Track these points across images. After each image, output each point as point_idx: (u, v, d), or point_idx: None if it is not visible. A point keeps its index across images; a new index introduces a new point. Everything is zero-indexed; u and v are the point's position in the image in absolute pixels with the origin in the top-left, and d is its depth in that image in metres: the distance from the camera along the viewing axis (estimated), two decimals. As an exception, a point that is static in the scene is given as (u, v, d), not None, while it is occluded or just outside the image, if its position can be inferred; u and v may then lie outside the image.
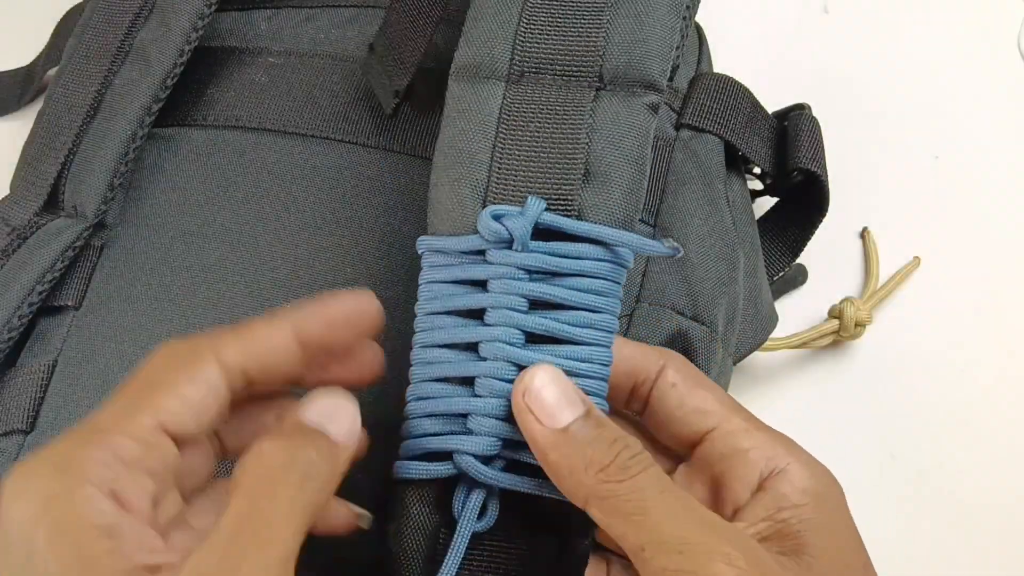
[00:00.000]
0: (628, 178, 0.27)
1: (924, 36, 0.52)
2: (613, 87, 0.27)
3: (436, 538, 0.26)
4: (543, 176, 0.26)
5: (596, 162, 0.26)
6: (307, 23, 0.41)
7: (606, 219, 0.26)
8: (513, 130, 0.27)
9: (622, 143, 0.27)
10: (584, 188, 0.26)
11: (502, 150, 0.27)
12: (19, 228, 0.37)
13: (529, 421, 0.24)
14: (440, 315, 0.27)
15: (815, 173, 0.39)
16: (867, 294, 0.44)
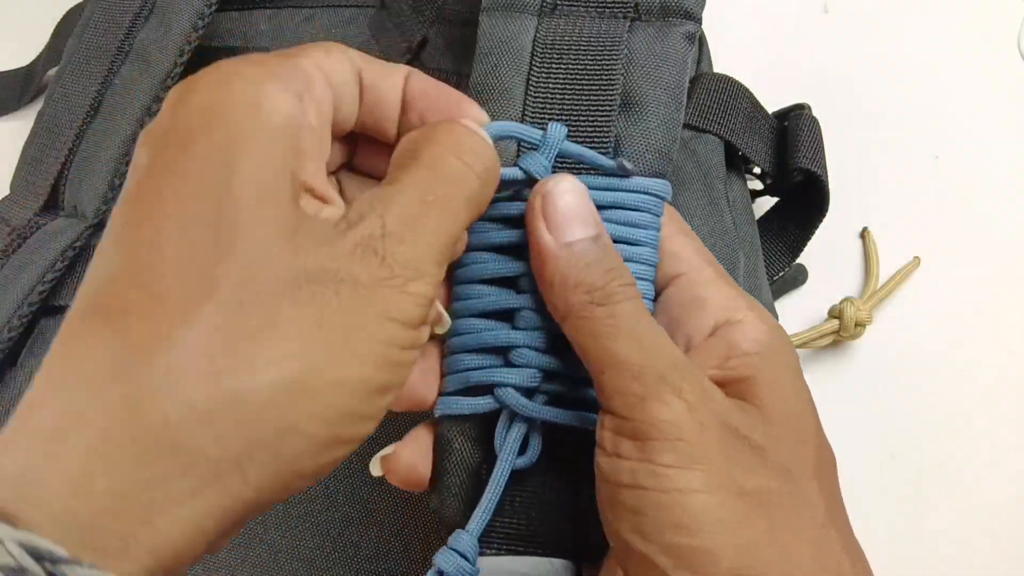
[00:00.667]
0: (666, 107, 0.26)
1: (924, 36, 0.52)
2: (648, 17, 0.27)
3: (479, 474, 0.26)
4: (579, 108, 0.26)
5: (633, 92, 0.26)
6: (307, 23, 0.41)
7: (644, 148, 0.26)
8: (547, 63, 0.27)
9: (659, 73, 0.26)
10: (621, 118, 0.26)
11: (536, 83, 0.26)
12: (19, 228, 0.37)
13: (539, 228, 0.24)
14: (479, 252, 0.26)
15: (815, 173, 0.39)
16: (867, 294, 0.44)
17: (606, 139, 0.26)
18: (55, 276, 0.35)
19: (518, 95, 0.27)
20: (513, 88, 0.27)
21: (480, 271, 0.26)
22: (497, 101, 0.27)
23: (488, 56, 0.27)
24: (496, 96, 0.27)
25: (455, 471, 0.26)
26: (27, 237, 0.36)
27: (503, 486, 0.25)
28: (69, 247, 0.36)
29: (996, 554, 0.40)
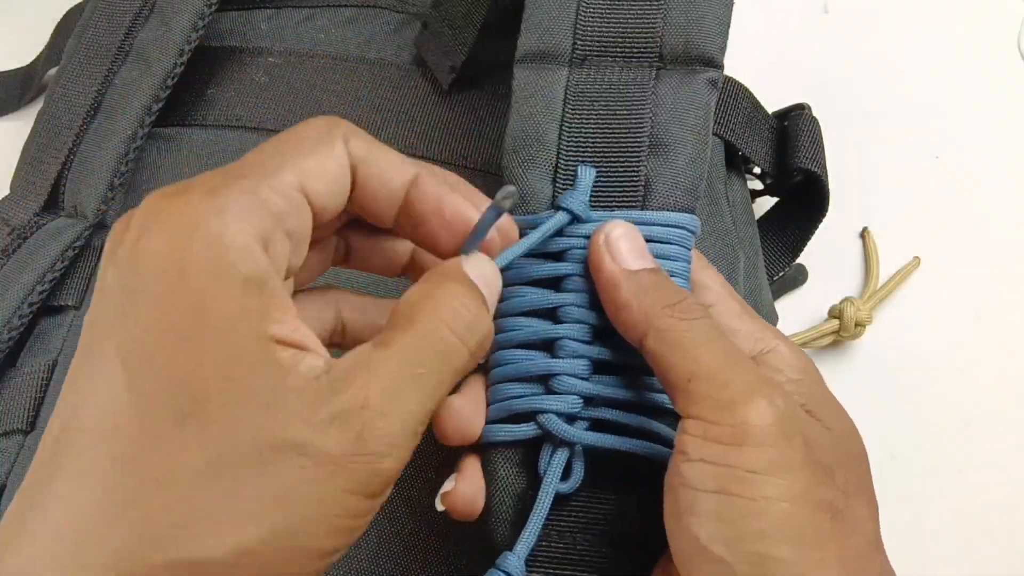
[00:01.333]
0: (692, 148, 0.28)
1: (924, 36, 0.52)
2: (673, 65, 0.28)
3: (524, 499, 0.26)
4: (610, 150, 0.28)
5: (661, 134, 0.28)
6: (307, 23, 0.41)
7: (673, 186, 0.27)
8: (579, 110, 0.28)
9: (685, 117, 0.28)
10: (651, 159, 0.27)
11: (569, 129, 0.28)
12: (19, 228, 0.37)
13: (605, 259, 0.25)
14: (518, 286, 0.27)
15: (815, 173, 0.39)
16: (867, 294, 0.44)
17: (636, 179, 0.27)
18: (55, 276, 0.35)
19: (552, 140, 0.28)
20: (548, 134, 0.28)
21: (520, 304, 0.27)
22: (532, 146, 0.28)
23: (523, 105, 0.28)
24: (532, 142, 0.28)
25: (501, 497, 0.26)
26: (27, 237, 0.36)
27: (547, 510, 0.25)
28: (69, 247, 0.36)
29: (996, 554, 0.40)
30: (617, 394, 0.26)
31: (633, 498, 0.26)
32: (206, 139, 0.39)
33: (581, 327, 0.26)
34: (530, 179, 0.28)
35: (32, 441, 0.34)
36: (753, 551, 0.21)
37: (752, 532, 0.21)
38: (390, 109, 0.39)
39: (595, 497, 0.26)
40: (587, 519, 0.26)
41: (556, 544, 0.26)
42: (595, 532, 0.26)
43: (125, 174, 0.37)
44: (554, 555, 0.26)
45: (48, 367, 0.35)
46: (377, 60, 0.40)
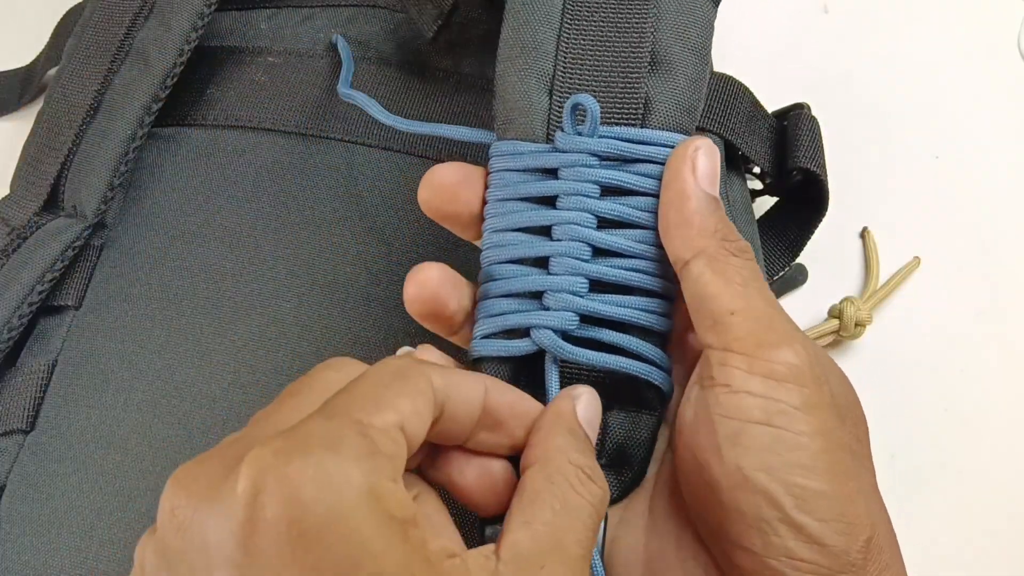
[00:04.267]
0: (693, 67, 0.27)
1: (924, 36, 0.52)
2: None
3: None
4: (609, 64, 0.27)
5: (662, 51, 0.27)
6: (307, 23, 0.41)
7: (673, 106, 0.27)
8: (578, 20, 0.27)
9: (687, 33, 0.27)
10: (651, 76, 0.27)
11: (567, 39, 0.27)
12: (19, 228, 0.37)
13: (686, 170, 0.25)
14: (512, 201, 0.27)
15: (815, 173, 0.39)
16: (867, 294, 0.44)
17: (637, 96, 0.27)
18: (55, 276, 0.35)
19: (550, 51, 0.27)
20: (545, 43, 0.27)
21: (513, 220, 0.26)
22: (529, 55, 0.27)
23: (520, 11, 0.28)
24: (528, 51, 0.27)
25: None
26: (27, 237, 0.36)
27: None
28: (69, 247, 0.36)
29: (996, 554, 0.40)
30: (614, 313, 0.25)
31: (620, 416, 0.26)
32: (206, 139, 0.39)
33: (580, 245, 0.26)
34: (526, 88, 0.27)
35: (32, 441, 0.34)
36: (796, 482, 0.22)
37: (795, 464, 0.22)
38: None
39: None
40: None
41: None
42: None
43: (125, 174, 0.37)
44: None
45: (48, 367, 0.35)
46: (377, 60, 0.40)
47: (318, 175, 0.38)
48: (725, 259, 0.24)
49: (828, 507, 0.22)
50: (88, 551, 0.32)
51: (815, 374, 0.23)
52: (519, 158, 0.27)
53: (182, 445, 0.33)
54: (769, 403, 0.22)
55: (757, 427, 0.22)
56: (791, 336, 0.23)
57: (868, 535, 0.22)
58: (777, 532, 0.22)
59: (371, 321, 0.35)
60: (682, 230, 0.25)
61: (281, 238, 0.36)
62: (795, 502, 0.22)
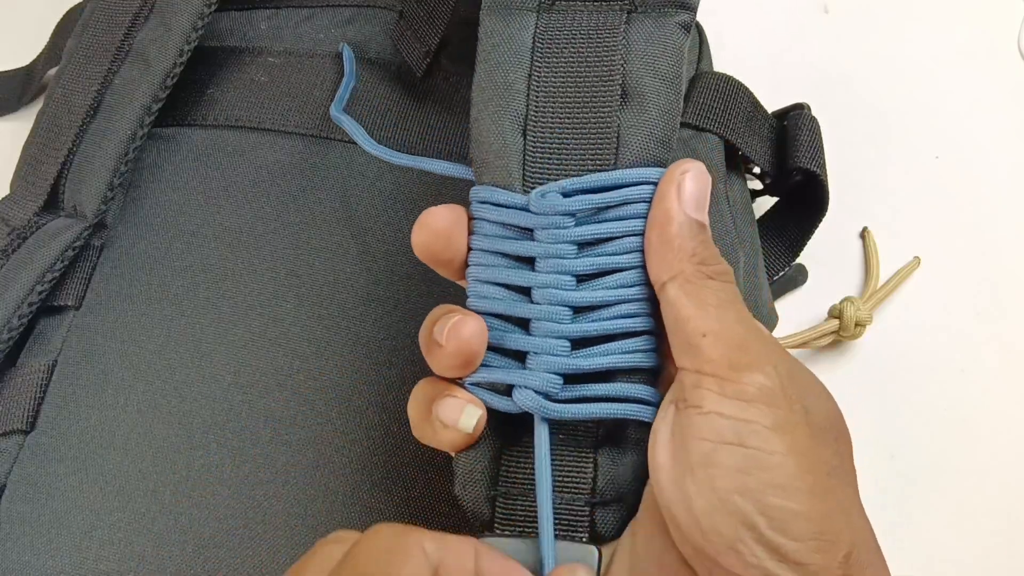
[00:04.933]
0: (665, 98, 0.27)
1: (924, 36, 0.52)
2: (644, 8, 0.28)
3: (499, 461, 0.27)
4: (580, 101, 0.27)
5: (633, 84, 0.27)
6: (307, 23, 0.41)
7: (645, 139, 0.26)
8: (548, 58, 0.27)
9: (657, 64, 0.27)
10: (622, 110, 0.27)
11: (538, 79, 0.27)
12: (19, 228, 0.37)
13: (671, 193, 0.25)
14: (493, 254, 0.27)
15: (814, 173, 0.39)
16: (867, 294, 0.44)
17: (608, 129, 0.27)
18: (55, 276, 0.35)
19: (521, 90, 0.27)
20: (516, 83, 0.27)
21: (495, 275, 0.26)
22: (502, 97, 0.27)
23: (491, 54, 0.28)
24: (500, 92, 0.27)
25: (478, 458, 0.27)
26: (27, 237, 0.36)
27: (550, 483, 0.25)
28: (69, 247, 0.36)
29: (996, 554, 0.39)
30: (598, 365, 0.25)
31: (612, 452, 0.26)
32: (206, 139, 0.39)
33: (559, 308, 0.26)
34: (500, 130, 0.27)
35: (32, 441, 0.34)
36: (770, 503, 0.22)
37: (768, 484, 0.22)
38: (389, 108, 0.39)
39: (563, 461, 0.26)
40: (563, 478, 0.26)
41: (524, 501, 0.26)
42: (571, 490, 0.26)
43: (125, 174, 0.37)
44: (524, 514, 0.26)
45: (48, 367, 0.35)
46: (376, 60, 0.40)
47: (318, 175, 0.38)
48: (701, 282, 0.24)
49: (804, 526, 0.22)
50: (88, 551, 0.32)
51: (787, 394, 0.23)
52: (497, 211, 0.27)
53: (182, 445, 0.33)
54: (740, 424, 0.22)
55: (729, 448, 0.22)
56: (764, 358, 0.23)
57: (847, 551, 0.22)
58: (754, 553, 0.22)
59: (371, 321, 0.35)
60: (661, 253, 0.25)
61: (281, 238, 0.36)
62: (769, 522, 0.22)
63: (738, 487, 0.22)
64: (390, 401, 0.34)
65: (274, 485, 0.33)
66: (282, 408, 0.34)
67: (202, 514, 0.32)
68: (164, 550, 0.32)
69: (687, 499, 0.23)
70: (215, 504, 0.32)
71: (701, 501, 0.23)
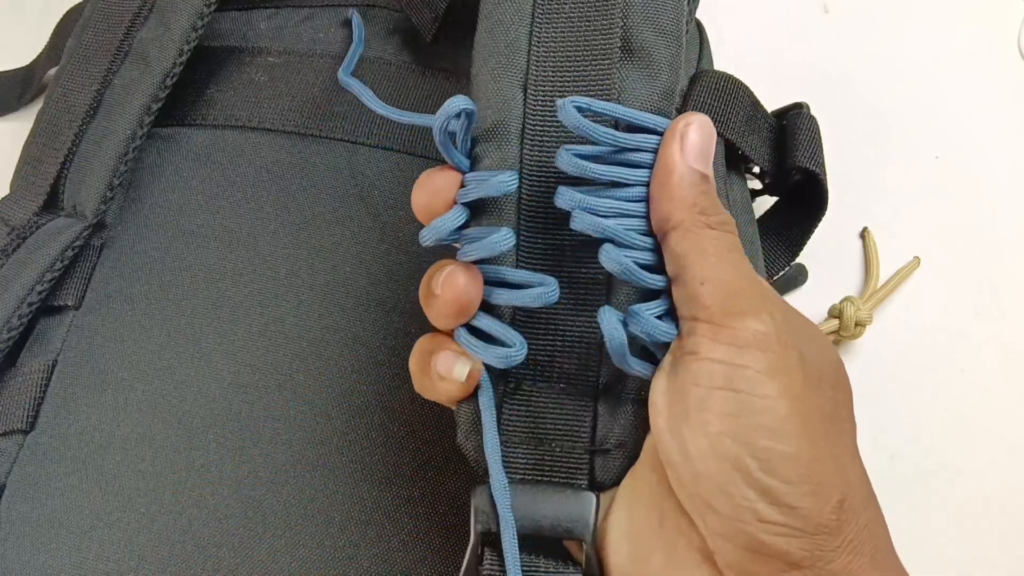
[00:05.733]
0: (667, 51, 0.27)
1: (924, 36, 0.52)
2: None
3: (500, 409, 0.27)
4: (581, 55, 0.27)
5: (634, 38, 0.27)
6: (307, 23, 0.41)
7: (648, 92, 0.27)
8: (549, 14, 0.28)
9: (657, 18, 0.27)
10: (623, 65, 0.27)
11: (539, 35, 0.27)
12: (19, 228, 0.37)
13: (674, 146, 0.25)
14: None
15: (814, 172, 0.39)
16: (867, 294, 0.44)
17: (610, 83, 0.27)
18: (55, 276, 0.35)
19: (522, 47, 0.27)
20: (518, 41, 0.27)
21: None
22: (503, 54, 0.27)
23: (492, 12, 0.28)
24: (502, 50, 0.27)
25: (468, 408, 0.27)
26: (27, 237, 0.36)
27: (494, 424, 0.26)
28: (69, 247, 0.36)
29: (996, 554, 0.39)
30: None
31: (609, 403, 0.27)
32: (206, 139, 0.39)
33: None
34: (501, 87, 0.27)
35: (32, 441, 0.34)
36: (761, 446, 0.22)
37: (759, 427, 0.22)
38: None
39: (558, 398, 0.27)
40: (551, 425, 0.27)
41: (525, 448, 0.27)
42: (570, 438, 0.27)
43: (125, 174, 0.37)
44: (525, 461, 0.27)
45: (48, 367, 0.35)
46: (377, 59, 0.40)
47: (318, 175, 0.38)
48: (701, 231, 0.25)
49: (795, 469, 0.22)
50: (88, 551, 0.32)
51: (782, 339, 0.23)
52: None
53: (182, 445, 0.33)
54: (733, 369, 0.23)
55: (721, 392, 0.23)
56: (760, 305, 0.24)
57: (840, 497, 0.22)
58: (745, 495, 0.22)
59: (371, 321, 0.35)
60: (662, 203, 0.25)
61: (281, 238, 0.36)
62: (760, 464, 0.22)
63: (729, 430, 0.23)
64: (390, 401, 0.34)
65: (274, 485, 0.32)
66: (282, 408, 0.34)
67: (202, 514, 0.32)
68: (164, 550, 0.32)
69: (682, 444, 0.23)
70: (215, 504, 0.32)
71: (694, 445, 0.23)
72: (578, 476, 0.26)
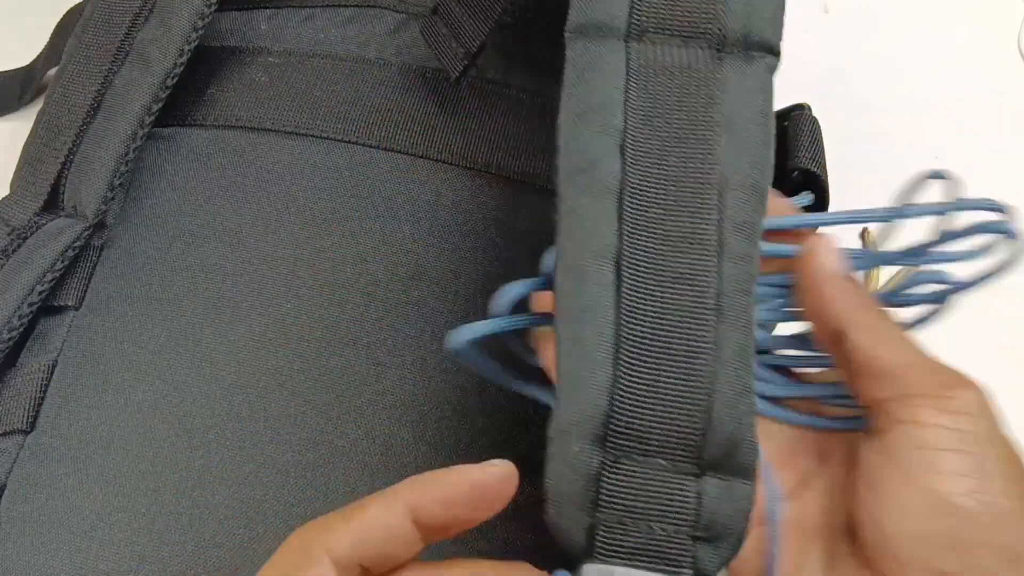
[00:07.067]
0: (761, 131, 0.27)
1: (924, 35, 0.52)
2: (733, 49, 0.28)
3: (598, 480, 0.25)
4: (679, 124, 0.27)
5: (731, 114, 0.27)
6: (307, 23, 0.41)
7: (749, 165, 0.27)
8: (644, 80, 0.27)
9: (753, 99, 0.27)
10: (724, 136, 0.27)
11: (637, 97, 0.27)
12: (19, 228, 0.37)
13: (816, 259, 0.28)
14: None
15: (815, 173, 0.39)
16: (867, 294, 0.44)
17: (713, 153, 0.26)
18: (55, 276, 0.35)
19: (619, 107, 0.27)
20: (614, 101, 0.27)
21: None
22: (599, 112, 0.27)
23: (584, 72, 0.27)
24: (597, 108, 0.27)
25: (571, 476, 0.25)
26: (27, 237, 0.36)
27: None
28: (69, 247, 0.36)
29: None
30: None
31: (716, 481, 0.25)
32: (206, 139, 0.39)
33: None
34: (596, 143, 0.26)
35: (32, 441, 0.34)
36: (989, 500, 0.23)
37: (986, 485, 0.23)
38: (390, 109, 0.39)
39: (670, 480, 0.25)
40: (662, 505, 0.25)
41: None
42: (671, 520, 0.24)
43: (125, 174, 0.37)
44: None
45: (48, 367, 0.35)
46: (377, 60, 0.40)
47: (318, 175, 0.38)
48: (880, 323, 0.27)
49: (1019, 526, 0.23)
50: (88, 551, 0.32)
51: (994, 407, 0.25)
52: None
53: (182, 445, 0.33)
54: (961, 434, 0.24)
55: (952, 454, 0.24)
56: (964, 377, 0.26)
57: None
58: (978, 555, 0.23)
59: (371, 322, 0.35)
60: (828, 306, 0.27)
61: (281, 238, 0.36)
62: (991, 519, 0.23)
63: (960, 489, 0.23)
64: (391, 401, 0.34)
65: (274, 485, 0.33)
66: (282, 408, 0.34)
67: (202, 514, 0.32)
68: (164, 550, 0.32)
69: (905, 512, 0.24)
70: (215, 504, 0.32)
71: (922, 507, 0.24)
72: (682, 564, 0.24)
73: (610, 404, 0.24)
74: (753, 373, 0.25)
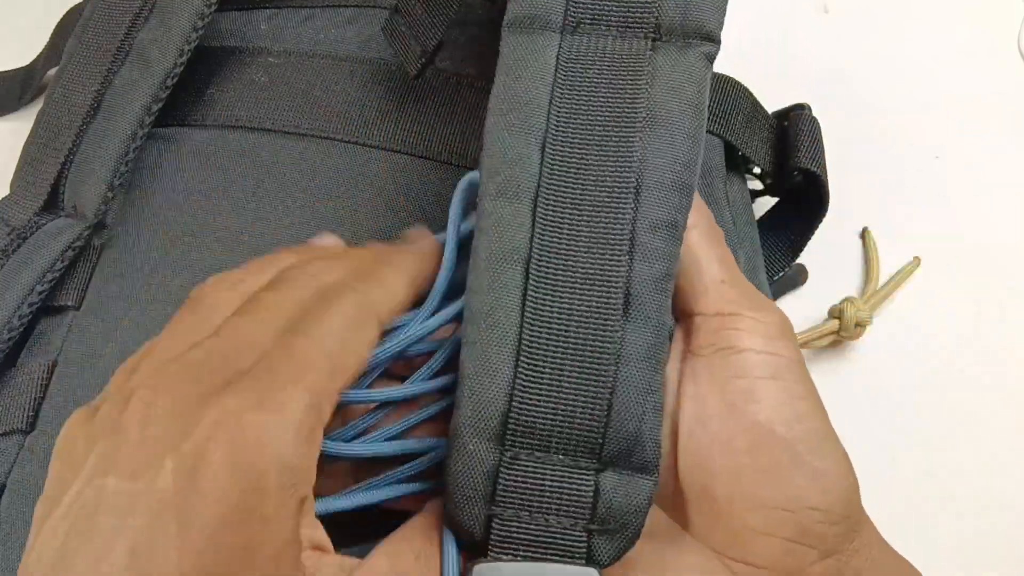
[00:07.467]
0: (690, 122, 0.27)
1: (924, 35, 0.52)
2: (669, 38, 0.27)
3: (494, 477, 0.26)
4: (603, 120, 0.26)
5: (657, 108, 0.27)
6: (307, 23, 0.41)
7: (671, 161, 0.26)
8: (572, 76, 0.27)
9: (682, 90, 0.27)
10: (646, 132, 0.26)
11: (561, 96, 0.27)
12: (19, 228, 0.37)
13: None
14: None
15: (815, 173, 0.39)
16: (867, 294, 0.44)
17: (631, 150, 0.26)
18: (55, 276, 0.35)
19: (543, 106, 0.27)
20: (538, 99, 0.27)
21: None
22: (522, 110, 0.27)
23: (513, 68, 0.27)
24: (520, 106, 0.27)
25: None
26: (27, 237, 0.36)
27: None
28: (69, 247, 0.36)
29: (996, 554, 0.40)
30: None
31: (615, 477, 0.25)
32: (206, 139, 0.39)
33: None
34: (516, 142, 0.26)
35: (32, 441, 0.34)
36: (809, 428, 0.23)
37: (804, 412, 0.24)
38: (390, 109, 0.39)
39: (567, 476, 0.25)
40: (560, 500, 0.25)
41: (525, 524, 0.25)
42: (567, 514, 0.25)
43: (125, 174, 0.37)
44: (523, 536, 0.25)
45: (48, 367, 0.35)
46: (377, 60, 0.40)
47: (319, 176, 0.38)
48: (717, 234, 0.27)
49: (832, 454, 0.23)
50: (88, 551, 0.32)
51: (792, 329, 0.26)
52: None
53: (182, 445, 0.33)
54: (773, 358, 0.24)
55: (768, 382, 0.24)
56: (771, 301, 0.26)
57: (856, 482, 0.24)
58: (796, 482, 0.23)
59: (371, 321, 0.35)
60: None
61: (281, 238, 0.36)
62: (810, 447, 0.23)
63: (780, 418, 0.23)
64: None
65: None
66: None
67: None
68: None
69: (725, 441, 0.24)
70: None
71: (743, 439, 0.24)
72: (575, 555, 0.25)
73: (508, 404, 0.25)
74: (662, 372, 0.25)
